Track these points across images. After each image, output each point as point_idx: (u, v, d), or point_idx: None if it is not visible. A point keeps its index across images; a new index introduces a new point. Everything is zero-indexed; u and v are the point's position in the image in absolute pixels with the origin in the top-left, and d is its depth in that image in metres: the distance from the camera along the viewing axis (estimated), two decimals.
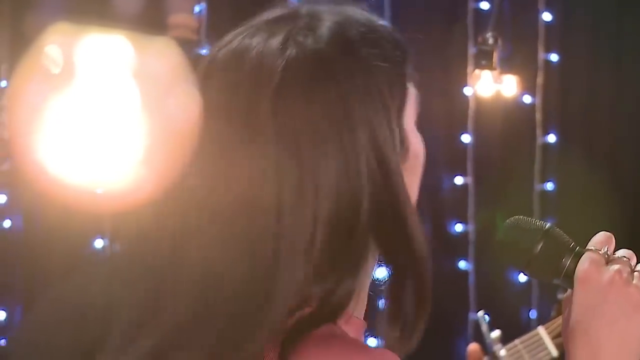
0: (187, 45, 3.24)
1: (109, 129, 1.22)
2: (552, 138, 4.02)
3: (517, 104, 3.86)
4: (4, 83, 3.45)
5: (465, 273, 3.93)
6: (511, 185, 4.04)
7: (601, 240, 1.43)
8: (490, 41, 3.47)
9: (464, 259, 3.94)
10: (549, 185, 4.02)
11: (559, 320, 2.63)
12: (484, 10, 3.83)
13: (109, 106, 1.20)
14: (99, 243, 3.45)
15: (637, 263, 1.42)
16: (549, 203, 3.97)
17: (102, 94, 1.20)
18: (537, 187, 4.01)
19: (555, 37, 4.03)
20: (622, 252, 1.43)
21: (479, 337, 3.80)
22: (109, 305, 2.09)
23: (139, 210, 1.31)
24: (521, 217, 1.48)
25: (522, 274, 4.17)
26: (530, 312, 4.02)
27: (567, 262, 1.43)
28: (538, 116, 3.99)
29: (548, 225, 1.46)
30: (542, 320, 3.89)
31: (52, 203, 3.20)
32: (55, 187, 1.37)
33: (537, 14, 3.98)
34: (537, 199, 3.98)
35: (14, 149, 1.37)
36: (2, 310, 3.49)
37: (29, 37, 3.13)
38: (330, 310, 1.33)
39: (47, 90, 1.22)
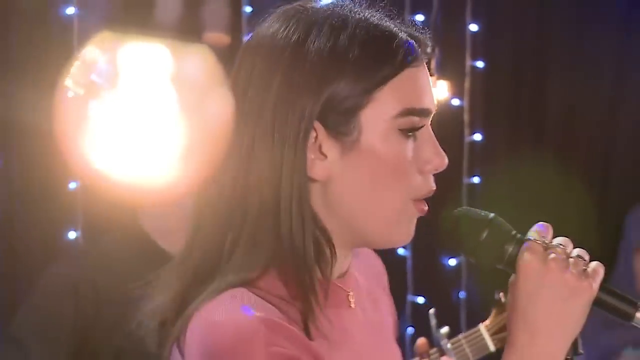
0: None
1: (149, 130, 1.24)
2: (478, 137, 4.12)
3: (447, 106, 3.95)
4: None
5: (403, 258, 3.99)
6: (442, 178, 4.13)
7: (540, 229, 1.44)
8: (429, 50, 3.66)
9: (402, 246, 4.02)
10: (475, 179, 4.12)
11: (498, 318, 2.68)
12: (419, 22, 3.96)
13: (149, 109, 1.22)
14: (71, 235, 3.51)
15: (573, 249, 1.43)
16: (475, 195, 4.07)
17: (142, 99, 1.20)
18: (465, 180, 4.10)
19: (481, 45, 4.11)
20: (558, 240, 1.43)
21: (417, 318, 3.94)
22: (97, 283, 2.26)
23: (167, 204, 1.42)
24: (468, 207, 1.49)
25: (452, 259, 4.33)
26: (460, 293, 4.11)
27: (510, 249, 1.44)
28: (466, 117, 4.08)
29: (492, 215, 1.47)
30: (470, 299, 4.09)
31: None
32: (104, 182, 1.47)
33: (464, 25, 4.07)
34: (465, 192, 4.08)
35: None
36: None
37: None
38: (232, 281, 1.38)
39: (92, 95, 1.23)
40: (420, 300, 4.03)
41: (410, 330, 4.04)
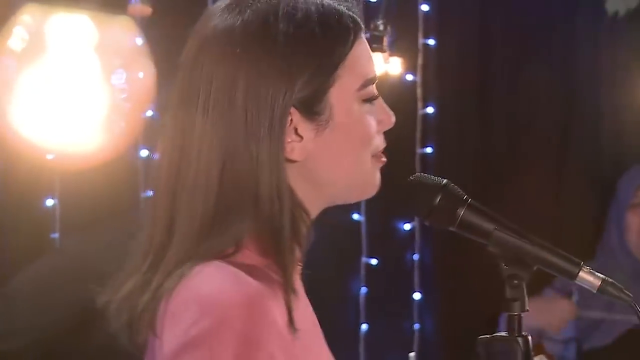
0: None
1: (71, 98, 1.16)
2: (430, 110, 4.17)
3: (401, 81, 4.01)
4: None
5: (358, 223, 4.01)
6: (396, 149, 4.12)
7: None
8: (381, 27, 3.66)
9: (357, 212, 4.02)
10: (428, 150, 4.18)
11: None
12: (372, 2, 3.94)
13: (72, 78, 1.15)
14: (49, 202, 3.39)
15: None
16: (428, 164, 4.12)
17: (66, 68, 1.14)
18: (419, 151, 4.14)
19: (432, 25, 4.17)
20: None
21: (370, 278, 3.96)
22: (98, 271, 1.98)
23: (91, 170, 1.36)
24: (422, 174, 1.54)
25: (407, 224, 4.35)
26: (414, 256, 4.15)
27: (461, 212, 1.49)
28: (419, 92, 4.13)
29: (445, 181, 1.51)
30: (423, 261, 4.12)
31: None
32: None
33: (417, 5, 4.14)
34: (418, 161, 4.14)
35: None
36: None
37: None
38: (212, 252, 1.37)
39: (16, 64, 1.15)
40: (374, 261, 4.07)
41: (363, 289, 4.09)
